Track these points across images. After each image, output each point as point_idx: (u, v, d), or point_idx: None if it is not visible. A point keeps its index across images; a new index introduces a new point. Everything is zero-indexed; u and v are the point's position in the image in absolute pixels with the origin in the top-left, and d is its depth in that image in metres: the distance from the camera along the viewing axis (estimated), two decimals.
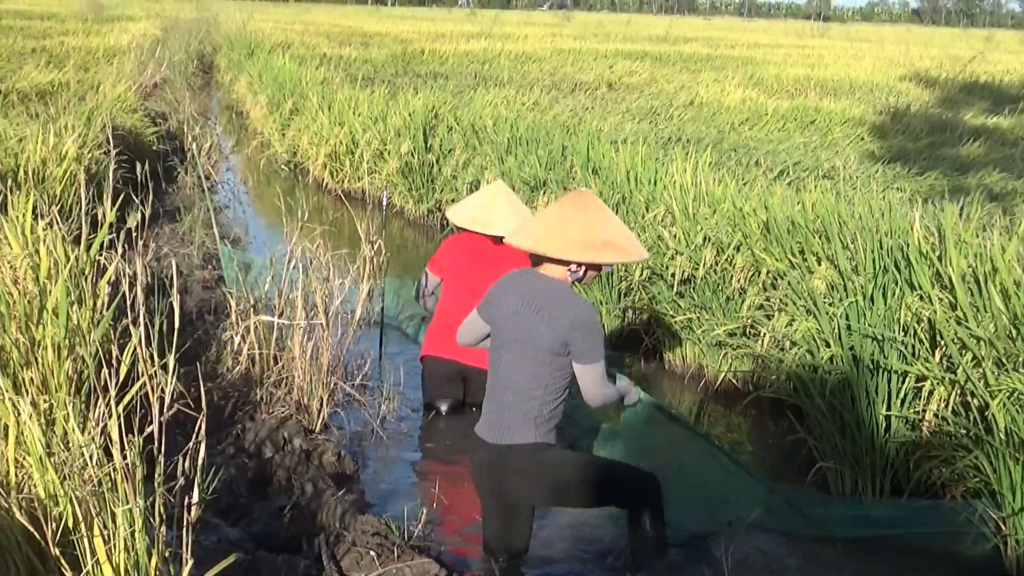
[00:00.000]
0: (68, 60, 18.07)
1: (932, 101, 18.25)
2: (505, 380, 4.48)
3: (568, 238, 4.30)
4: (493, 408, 4.54)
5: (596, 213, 4.40)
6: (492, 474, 4.52)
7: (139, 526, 3.12)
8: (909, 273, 5.47)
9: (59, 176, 8.35)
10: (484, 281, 5.72)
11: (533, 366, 4.39)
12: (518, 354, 4.43)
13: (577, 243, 4.30)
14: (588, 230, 4.32)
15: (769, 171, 9.95)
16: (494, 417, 4.52)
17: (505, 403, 4.47)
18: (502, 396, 4.49)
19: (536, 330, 4.36)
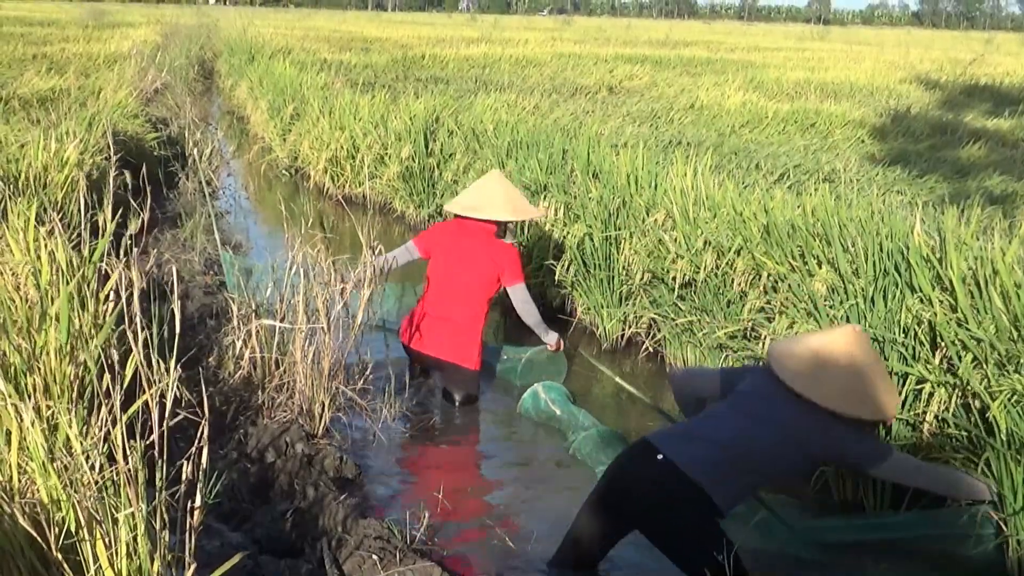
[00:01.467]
0: (69, 66, 18.08)
1: (932, 103, 18.26)
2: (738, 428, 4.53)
3: (875, 400, 4.57)
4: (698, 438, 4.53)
5: (882, 366, 4.76)
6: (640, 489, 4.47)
7: (142, 531, 3.12)
8: (910, 276, 5.47)
9: (60, 182, 8.35)
10: (457, 267, 6.47)
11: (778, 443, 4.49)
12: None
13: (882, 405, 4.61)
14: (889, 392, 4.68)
15: (770, 174, 9.96)
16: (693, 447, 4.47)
17: (720, 445, 4.45)
18: (718, 436, 4.50)
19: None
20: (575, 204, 8.43)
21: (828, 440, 4.44)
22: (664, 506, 4.37)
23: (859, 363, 4.50)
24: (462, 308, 6.73)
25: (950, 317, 5.11)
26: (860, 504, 5.44)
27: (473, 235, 6.76)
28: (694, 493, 4.29)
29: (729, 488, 4.36)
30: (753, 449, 4.43)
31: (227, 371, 6.22)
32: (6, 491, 3.36)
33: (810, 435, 4.44)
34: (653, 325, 7.77)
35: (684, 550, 4.36)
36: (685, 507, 4.33)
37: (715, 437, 4.47)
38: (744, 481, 4.43)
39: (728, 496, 4.35)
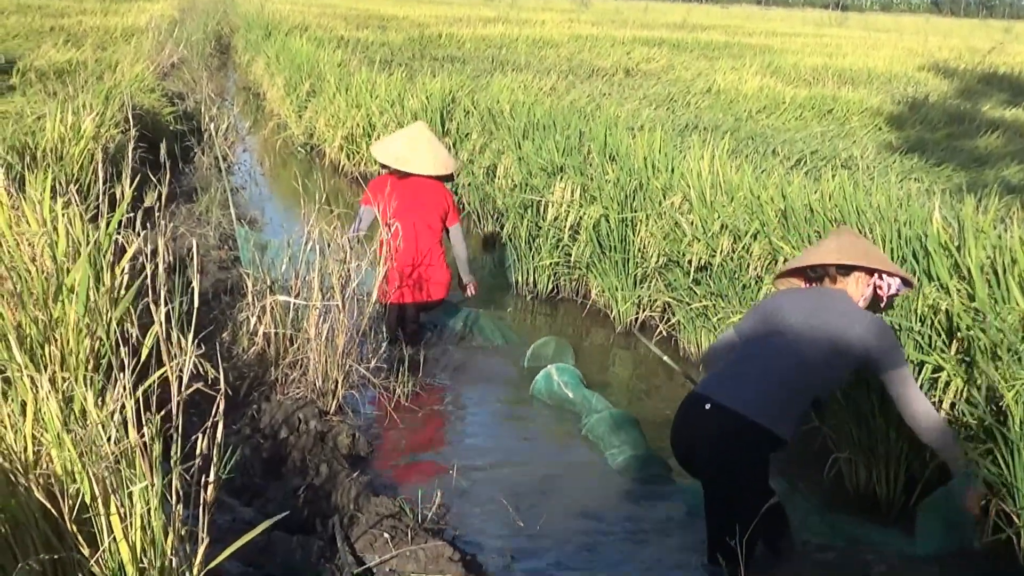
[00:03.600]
0: (86, 39, 18.06)
1: (950, 92, 18.15)
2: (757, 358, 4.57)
3: (868, 252, 4.70)
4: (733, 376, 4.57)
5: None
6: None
7: (156, 504, 3.13)
8: (927, 264, 5.44)
9: (76, 155, 8.35)
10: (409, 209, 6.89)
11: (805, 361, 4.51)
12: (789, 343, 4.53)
13: (877, 255, 4.72)
14: (878, 250, 4.83)
15: (786, 159, 9.92)
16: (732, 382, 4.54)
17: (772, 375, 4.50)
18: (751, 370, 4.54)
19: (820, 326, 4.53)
20: (591, 186, 8.41)
21: (861, 330, 4.47)
22: (733, 452, 4.41)
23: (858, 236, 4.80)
24: (429, 251, 7.19)
25: (967, 306, 5.09)
26: (873, 492, 5.43)
27: (421, 183, 7.24)
28: (759, 433, 4.34)
29: (789, 417, 4.42)
30: (802, 367, 4.47)
31: (241, 347, 6.23)
32: (21, 463, 3.36)
33: (846, 330, 4.47)
34: (667, 309, 7.75)
35: (746, 491, 4.42)
36: (752, 449, 4.41)
37: (766, 368, 4.50)
38: (799, 402, 4.46)
39: (790, 425, 4.42)
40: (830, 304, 4.56)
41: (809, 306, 4.58)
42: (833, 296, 4.62)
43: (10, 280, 4.62)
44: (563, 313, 8.64)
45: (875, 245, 4.81)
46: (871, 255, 4.66)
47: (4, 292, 4.59)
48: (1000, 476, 4.78)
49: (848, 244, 4.68)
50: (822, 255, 4.71)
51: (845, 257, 4.63)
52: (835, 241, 4.73)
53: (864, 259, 4.62)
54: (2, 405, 3.52)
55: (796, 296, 4.72)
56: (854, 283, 4.66)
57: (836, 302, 4.58)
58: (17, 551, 3.22)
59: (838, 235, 4.79)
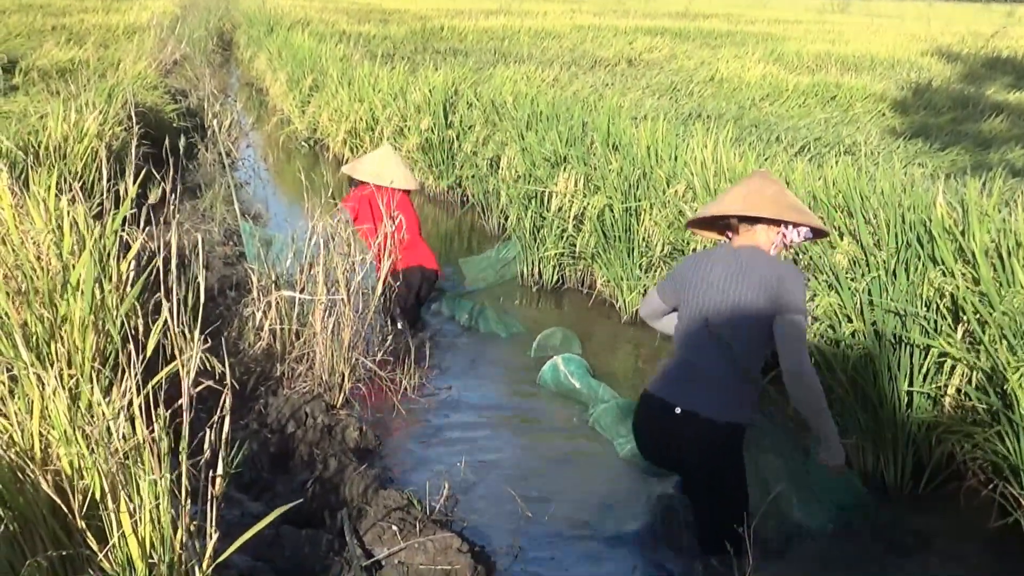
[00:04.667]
0: (88, 38, 18.07)
1: (954, 76, 18.11)
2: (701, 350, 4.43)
3: (774, 199, 4.41)
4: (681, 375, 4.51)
5: (784, 187, 4.56)
6: None
7: (165, 499, 3.13)
8: (932, 248, 5.44)
9: (80, 153, 8.36)
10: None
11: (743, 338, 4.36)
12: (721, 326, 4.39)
13: (785, 204, 4.41)
14: (788, 196, 4.47)
15: (790, 147, 9.89)
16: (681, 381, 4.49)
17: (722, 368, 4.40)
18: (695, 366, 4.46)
19: (738, 294, 4.35)
20: (595, 176, 8.41)
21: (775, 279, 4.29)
22: (717, 456, 4.40)
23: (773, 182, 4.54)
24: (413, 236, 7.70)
25: (973, 290, 5.08)
26: (880, 476, 5.43)
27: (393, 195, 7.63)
28: (732, 431, 4.36)
29: (750, 399, 4.41)
30: (744, 349, 4.34)
31: (247, 342, 6.24)
32: (29, 459, 3.37)
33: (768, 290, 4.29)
34: None
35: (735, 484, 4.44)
36: (732, 447, 4.41)
37: (716, 364, 4.38)
38: (754, 381, 4.39)
39: (753, 405, 4.43)
40: (748, 270, 4.35)
41: (729, 275, 4.39)
42: (747, 260, 4.40)
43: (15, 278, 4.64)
44: (569, 303, 8.64)
45: (787, 189, 4.57)
46: (779, 203, 4.41)
47: (10, 290, 4.60)
48: (1006, 459, 4.79)
49: (755, 192, 4.45)
50: (727, 205, 4.51)
51: (749, 208, 4.41)
52: (743, 189, 4.52)
53: (769, 209, 4.38)
54: (9, 403, 3.53)
55: (713, 266, 4.49)
56: (764, 233, 4.44)
57: (753, 267, 4.36)
58: (26, 548, 3.23)
59: (747, 182, 4.57)
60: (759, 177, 4.54)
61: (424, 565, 4.15)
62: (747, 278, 4.32)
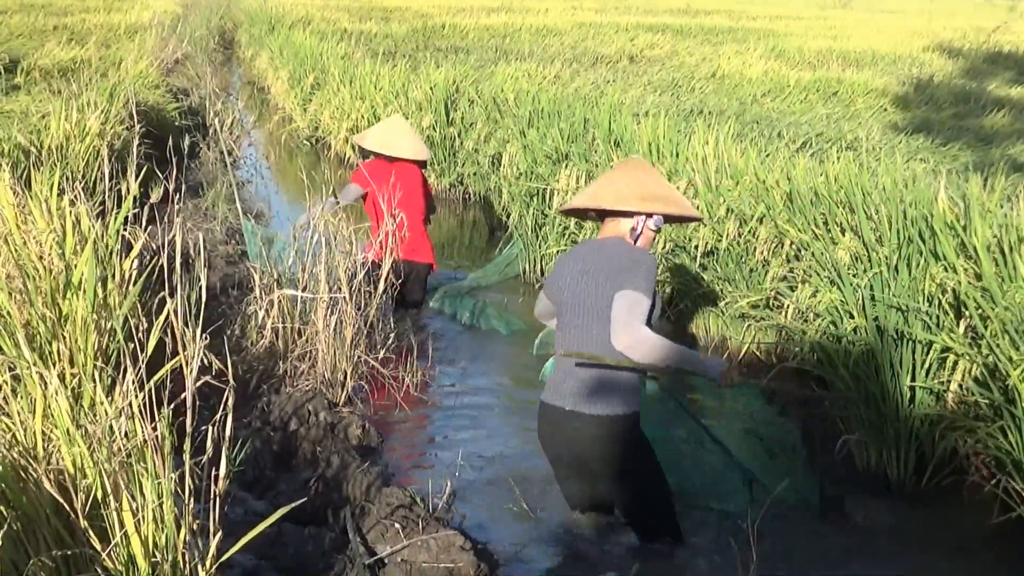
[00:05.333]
0: (90, 37, 18.07)
1: (956, 72, 18.10)
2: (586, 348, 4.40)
3: (622, 192, 4.39)
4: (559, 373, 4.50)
5: (650, 173, 4.55)
6: None
7: (168, 499, 3.13)
8: (934, 243, 5.43)
9: (82, 152, 8.37)
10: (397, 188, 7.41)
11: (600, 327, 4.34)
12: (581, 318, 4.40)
13: (633, 195, 4.38)
14: (642, 185, 4.42)
15: (792, 142, 9.90)
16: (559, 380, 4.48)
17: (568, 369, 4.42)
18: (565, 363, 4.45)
19: (592, 286, 4.34)
20: (597, 173, 8.40)
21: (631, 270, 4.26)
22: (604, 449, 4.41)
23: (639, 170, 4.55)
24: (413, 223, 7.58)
25: (975, 285, 5.08)
26: (883, 472, 5.43)
27: (403, 167, 7.73)
28: (624, 422, 4.36)
29: (633, 389, 4.41)
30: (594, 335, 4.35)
31: (250, 340, 6.24)
32: (32, 459, 3.37)
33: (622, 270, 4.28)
34: (675, 295, 7.74)
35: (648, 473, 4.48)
36: (628, 438, 4.41)
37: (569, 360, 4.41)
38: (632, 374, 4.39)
39: (636, 393, 4.43)
40: (607, 261, 4.35)
41: (592, 269, 4.38)
42: (608, 251, 4.40)
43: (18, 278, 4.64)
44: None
45: (652, 178, 4.54)
46: (636, 195, 4.40)
47: (12, 290, 4.61)
48: (1009, 454, 4.79)
49: (617, 183, 4.47)
50: (589, 198, 4.54)
51: (595, 201, 4.47)
52: (606, 180, 4.56)
53: (613, 201, 4.40)
54: (12, 402, 3.53)
55: (577, 262, 4.50)
56: (627, 224, 4.45)
57: (611, 257, 4.35)
58: (29, 547, 3.23)
59: (613, 173, 4.62)
60: (622, 167, 4.60)
61: (427, 563, 4.14)
62: (606, 268, 4.33)
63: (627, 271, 4.25)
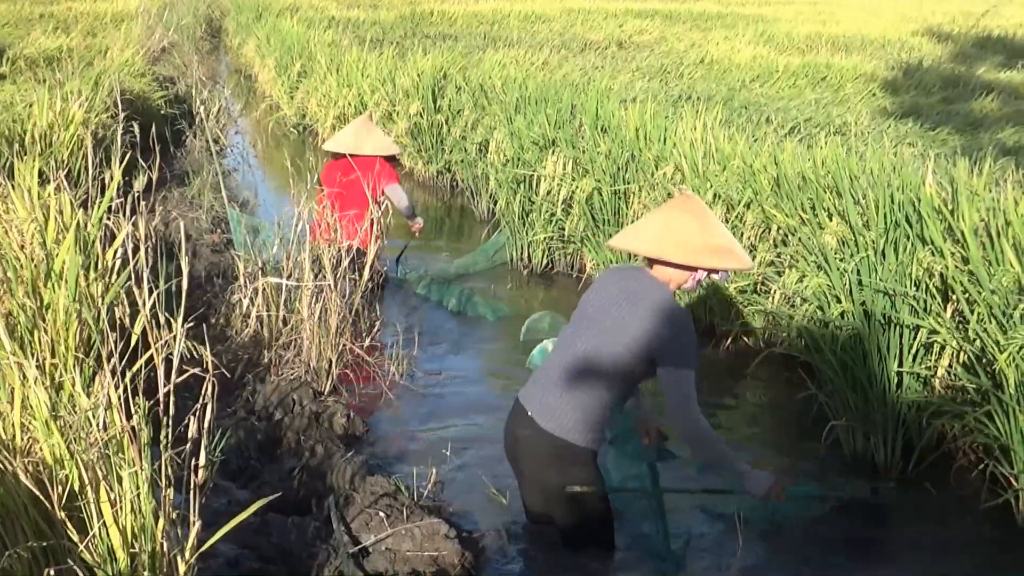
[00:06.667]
0: (75, 26, 18.00)
1: (945, 56, 18.08)
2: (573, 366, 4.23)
3: (690, 244, 4.12)
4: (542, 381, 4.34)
5: (710, 218, 4.25)
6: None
7: (145, 489, 3.10)
8: (921, 228, 5.41)
9: (66, 141, 8.32)
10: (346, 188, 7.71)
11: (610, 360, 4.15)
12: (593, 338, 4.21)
13: (700, 249, 4.13)
14: (708, 235, 4.16)
15: (780, 128, 9.88)
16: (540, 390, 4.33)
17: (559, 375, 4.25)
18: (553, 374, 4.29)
19: (622, 319, 4.13)
20: (583, 159, 8.37)
21: (658, 323, 4.06)
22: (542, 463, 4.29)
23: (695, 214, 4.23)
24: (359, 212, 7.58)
25: (962, 269, 5.06)
26: (871, 458, 5.41)
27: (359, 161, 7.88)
28: (557, 446, 4.20)
29: (600, 426, 4.23)
30: (605, 377, 4.16)
31: (235, 329, 6.22)
32: (9, 450, 3.34)
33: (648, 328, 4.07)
34: None
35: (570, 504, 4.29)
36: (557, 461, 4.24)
37: (555, 368, 4.28)
38: (606, 409, 4.21)
39: (595, 432, 4.22)
40: (641, 299, 4.13)
41: (621, 296, 4.20)
42: (646, 289, 4.17)
43: None
44: (558, 287, 8.60)
45: (712, 223, 4.23)
46: (692, 247, 4.13)
47: None
48: (997, 440, 4.78)
49: (672, 231, 4.15)
50: (640, 243, 4.26)
51: (659, 252, 4.15)
52: (659, 223, 4.22)
53: (679, 256, 4.13)
54: None
55: (616, 282, 4.31)
56: (676, 272, 4.20)
57: (646, 298, 4.13)
58: (7, 539, 3.20)
59: (666, 214, 4.28)
60: (679, 207, 4.29)
61: (411, 551, 4.13)
62: (640, 307, 4.11)
63: (674, 342, 4.05)
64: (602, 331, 4.16)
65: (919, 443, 5.27)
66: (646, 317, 4.06)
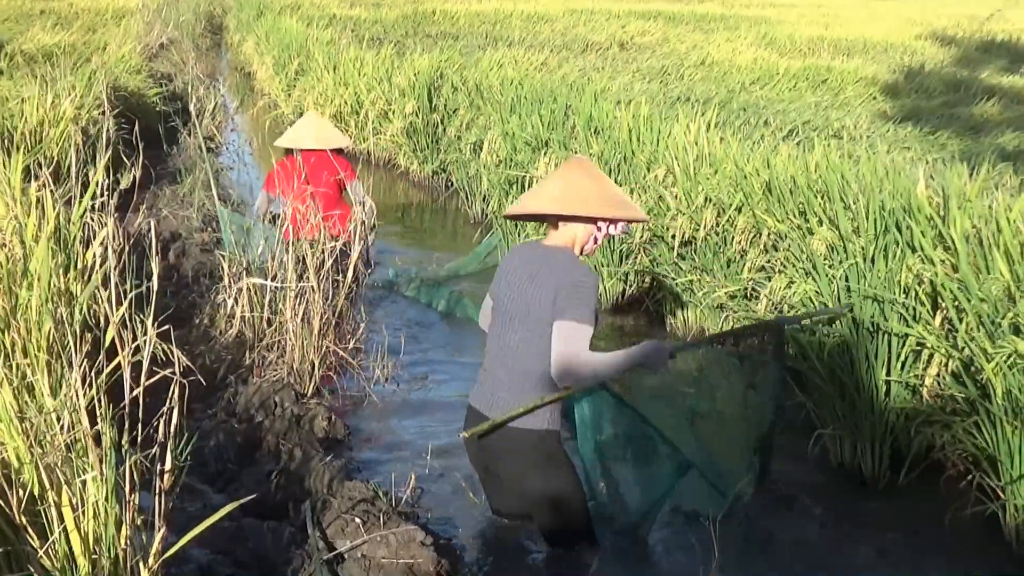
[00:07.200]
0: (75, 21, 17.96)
1: (947, 60, 18.02)
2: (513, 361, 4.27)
3: (590, 198, 4.21)
4: (488, 381, 4.37)
5: (604, 177, 4.39)
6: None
7: (104, 494, 3.04)
8: (911, 234, 5.34)
9: (56, 137, 8.26)
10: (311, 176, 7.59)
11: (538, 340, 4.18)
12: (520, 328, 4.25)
13: (600, 201, 4.22)
14: (603, 189, 4.28)
15: (778, 131, 9.82)
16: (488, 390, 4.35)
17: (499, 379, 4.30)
18: (498, 372, 4.32)
19: (536, 299, 4.18)
20: None
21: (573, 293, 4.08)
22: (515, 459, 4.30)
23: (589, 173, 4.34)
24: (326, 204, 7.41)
25: (951, 277, 4.99)
26: (858, 467, 5.35)
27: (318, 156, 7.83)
28: (534, 437, 4.22)
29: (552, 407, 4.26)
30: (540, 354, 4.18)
31: (219, 329, 6.15)
32: None
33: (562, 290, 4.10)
34: (654, 284, 7.66)
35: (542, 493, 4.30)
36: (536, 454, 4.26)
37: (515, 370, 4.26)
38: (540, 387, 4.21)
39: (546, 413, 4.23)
40: (547, 272, 4.18)
41: (529, 276, 4.25)
42: (550, 262, 4.22)
43: None
44: None
45: (606, 180, 4.37)
46: (592, 200, 4.22)
47: None
48: (984, 451, 4.72)
49: (569, 187, 4.24)
50: (539, 202, 4.34)
51: (562, 207, 4.22)
52: (558, 183, 4.30)
53: (581, 207, 4.20)
54: None
55: (518, 266, 4.37)
56: (580, 229, 4.27)
57: (552, 269, 4.18)
58: None
59: (563, 175, 4.35)
60: (575, 168, 4.35)
61: (386, 559, 4.06)
62: (544, 280, 4.17)
63: (571, 296, 4.08)
64: (524, 320, 4.22)
65: (908, 453, 5.21)
66: (550, 282, 4.14)
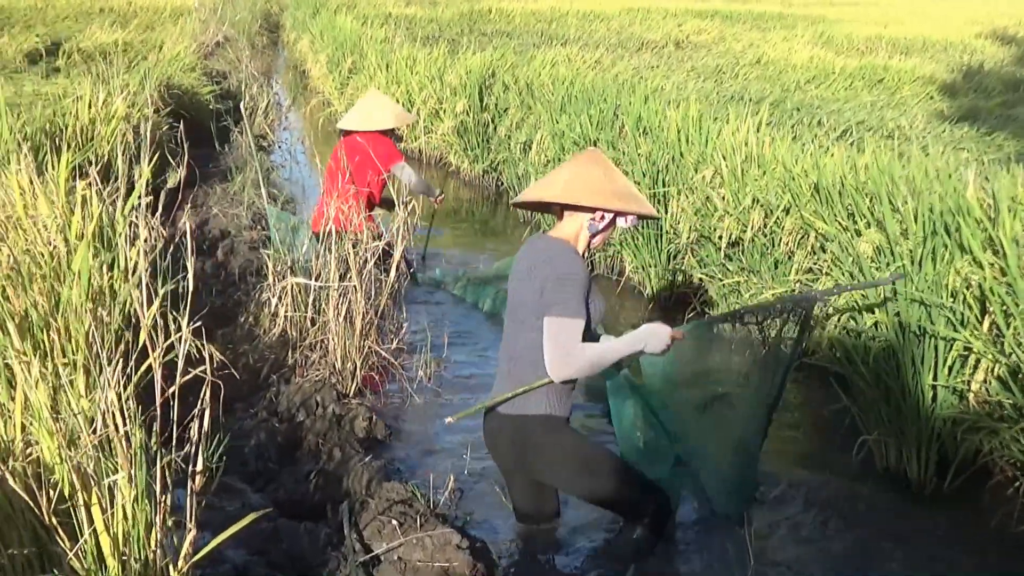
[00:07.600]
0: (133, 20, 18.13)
1: (1008, 59, 17.76)
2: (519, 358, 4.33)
3: (597, 189, 4.24)
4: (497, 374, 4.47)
5: (613, 169, 4.40)
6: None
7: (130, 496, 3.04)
8: (959, 236, 5.24)
9: (107, 135, 8.32)
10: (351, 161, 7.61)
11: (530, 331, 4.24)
12: (518, 319, 4.32)
13: (605, 192, 4.24)
14: (613, 181, 4.30)
15: (832, 131, 9.70)
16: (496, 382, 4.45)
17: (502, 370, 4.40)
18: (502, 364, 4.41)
19: (529, 290, 4.23)
20: (624, 160, 8.26)
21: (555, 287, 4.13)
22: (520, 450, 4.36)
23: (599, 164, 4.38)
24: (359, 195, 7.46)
25: (1000, 281, 4.89)
26: (903, 472, 5.27)
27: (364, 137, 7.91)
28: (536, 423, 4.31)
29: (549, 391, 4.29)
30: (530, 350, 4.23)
31: (263, 328, 6.17)
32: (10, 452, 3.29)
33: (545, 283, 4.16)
34: (701, 285, 7.59)
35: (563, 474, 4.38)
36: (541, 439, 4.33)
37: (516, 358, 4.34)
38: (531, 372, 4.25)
39: (554, 398, 4.31)
40: (541, 264, 4.22)
41: (528, 268, 4.29)
42: (545, 254, 4.25)
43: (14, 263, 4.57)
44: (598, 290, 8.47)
45: (617, 173, 4.39)
46: (599, 191, 4.24)
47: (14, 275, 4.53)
48: None
49: (577, 178, 4.28)
50: (546, 190, 4.37)
51: (567, 196, 4.25)
52: (565, 173, 4.35)
53: (587, 198, 4.22)
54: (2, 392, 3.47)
55: (523, 258, 4.40)
56: (587, 220, 4.33)
57: (545, 261, 4.21)
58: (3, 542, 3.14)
59: (572, 165, 4.39)
60: (585, 159, 4.39)
61: (422, 561, 4.04)
62: (537, 273, 4.21)
63: (556, 290, 4.12)
64: (521, 311, 4.28)
65: (955, 459, 5.12)
66: (539, 275, 4.19)
